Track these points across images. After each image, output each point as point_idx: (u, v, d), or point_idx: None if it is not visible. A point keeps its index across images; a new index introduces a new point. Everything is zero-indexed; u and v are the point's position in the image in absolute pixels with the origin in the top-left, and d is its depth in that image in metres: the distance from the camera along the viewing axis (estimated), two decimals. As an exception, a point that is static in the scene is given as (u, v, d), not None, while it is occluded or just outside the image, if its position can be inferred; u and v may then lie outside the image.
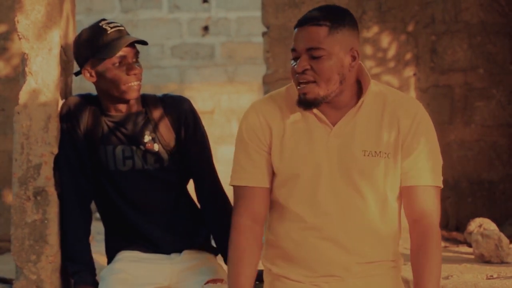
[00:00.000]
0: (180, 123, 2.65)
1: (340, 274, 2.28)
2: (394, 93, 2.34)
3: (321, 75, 2.20)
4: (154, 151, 2.63)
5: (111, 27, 2.58)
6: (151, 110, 2.65)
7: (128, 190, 2.64)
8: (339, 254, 2.27)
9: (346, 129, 2.27)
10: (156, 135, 2.63)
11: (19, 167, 2.60)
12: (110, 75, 2.56)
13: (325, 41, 2.20)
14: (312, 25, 2.21)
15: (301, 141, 2.29)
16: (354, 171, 2.25)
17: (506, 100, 4.86)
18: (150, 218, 2.66)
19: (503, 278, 3.05)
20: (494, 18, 4.86)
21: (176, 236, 2.67)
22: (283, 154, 2.30)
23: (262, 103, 2.37)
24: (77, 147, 2.63)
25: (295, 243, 2.30)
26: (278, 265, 2.35)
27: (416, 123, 2.27)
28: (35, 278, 2.58)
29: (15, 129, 2.61)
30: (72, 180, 2.64)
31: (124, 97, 2.57)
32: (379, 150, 2.25)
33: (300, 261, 2.30)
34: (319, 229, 2.27)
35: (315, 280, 2.30)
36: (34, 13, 2.61)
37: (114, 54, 2.54)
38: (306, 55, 2.21)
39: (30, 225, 2.59)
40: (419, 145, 2.26)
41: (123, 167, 2.62)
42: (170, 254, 2.67)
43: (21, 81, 2.64)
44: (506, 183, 4.86)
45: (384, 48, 4.87)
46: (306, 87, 2.21)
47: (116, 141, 2.63)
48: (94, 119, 2.63)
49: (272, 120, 2.31)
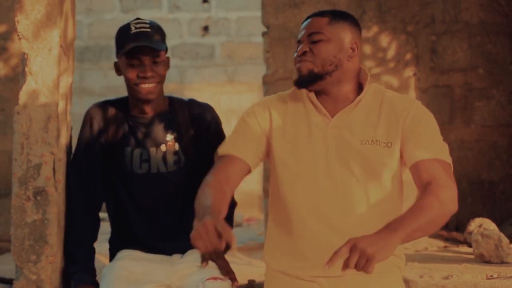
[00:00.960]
0: (203, 130, 2.69)
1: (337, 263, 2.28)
2: (391, 92, 2.43)
3: (318, 56, 2.32)
4: (175, 151, 2.66)
5: (137, 27, 2.61)
6: (176, 111, 2.70)
7: (139, 194, 2.67)
8: (335, 241, 2.27)
9: (344, 120, 2.34)
10: (178, 135, 2.67)
11: (19, 167, 2.60)
12: (125, 74, 2.64)
13: (326, 28, 2.34)
14: (315, 16, 2.38)
15: (301, 131, 2.36)
16: (352, 159, 2.30)
17: (506, 100, 4.86)
18: (155, 222, 2.69)
19: (503, 278, 3.06)
20: (494, 18, 4.86)
21: (179, 239, 2.69)
22: (284, 143, 2.37)
23: (268, 98, 2.52)
24: (91, 151, 2.68)
25: (292, 229, 2.34)
26: (277, 257, 2.38)
27: (414, 110, 2.34)
28: (35, 278, 2.58)
29: (15, 129, 2.61)
30: (81, 186, 2.68)
31: (137, 96, 2.63)
32: (376, 139, 2.31)
33: (296, 250, 2.32)
34: (316, 215, 2.30)
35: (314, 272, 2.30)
36: (34, 13, 2.61)
37: (122, 54, 2.60)
38: (307, 40, 2.35)
39: (30, 225, 2.59)
40: (419, 129, 2.30)
41: (139, 170, 2.66)
42: (172, 255, 2.69)
43: (21, 81, 2.64)
44: (506, 183, 4.86)
45: (384, 48, 4.87)
46: (301, 64, 2.34)
47: (135, 143, 2.68)
48: (117, 122, 2.69)
49: (273, 109, 2.42)
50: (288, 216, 2.35)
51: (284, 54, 4.76)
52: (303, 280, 2.33)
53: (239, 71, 8.87)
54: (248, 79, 8.82)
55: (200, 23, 8.85)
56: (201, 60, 8.81)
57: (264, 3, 4.91)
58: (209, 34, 8.88)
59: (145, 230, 2.69)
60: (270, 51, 4.85)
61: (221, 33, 8.87)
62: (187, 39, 8.81)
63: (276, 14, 4.87)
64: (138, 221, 2.68)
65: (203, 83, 8.74)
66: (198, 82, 8.77)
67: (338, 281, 2.30)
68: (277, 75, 4.77)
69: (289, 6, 4.85)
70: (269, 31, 4.88)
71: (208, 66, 8.84)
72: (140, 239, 2.69)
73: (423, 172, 2.22)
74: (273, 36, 4.86)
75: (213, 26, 8.87)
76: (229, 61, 8.88)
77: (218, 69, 8.86)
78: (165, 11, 8.84)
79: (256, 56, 8.70)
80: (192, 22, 8.84)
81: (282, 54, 4.78)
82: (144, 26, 2.63)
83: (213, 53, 8.87)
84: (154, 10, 8.82)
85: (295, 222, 2.33)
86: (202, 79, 8.71)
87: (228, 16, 8.86)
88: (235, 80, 8.86)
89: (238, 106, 8.65)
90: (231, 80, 8.86)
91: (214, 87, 8.82)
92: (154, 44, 2.59)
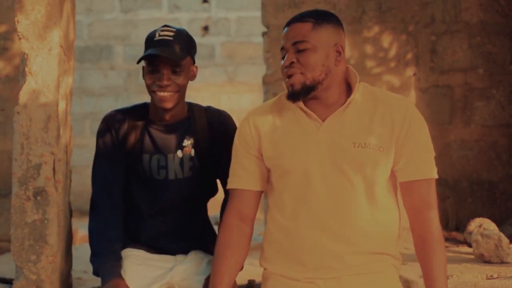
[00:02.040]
0: (220, 138, 2.68)
1: (333, 266, 2.29)
2: (384, 92, 2.42)
3: (307, 66, 2.29)
4: (191, 156, 2.66)
5: (160, 34, 2.58)
6: (195, 118, 2.69)
7: (155, 198, 2.67)
8: (331, 243, 2.29)
9: (336, 124, 2.33)
10: (195, 141, 2.66)
11: (19, 167, 2.60)
12: (144, 79, 2.61)
13: (310, 34, 2.30)
14: (297, 21, 2.34)
15: (292, 138, 2.35)
16: (345, 162, 2.30)
17: (506, 100, 4.86)
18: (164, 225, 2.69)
19: (503, 278, 3.05)
20: (494, 18, 4.86)
21: (185, 242, 2.70)
22: (275, 151, 2.36)
23: (253, 111, 2.47)
24: (112, 154, 2.65)
25: (288, 234, 2.34)
26: (274, 262, 2.39)
27: (409, 119, 2.32)
28: (35, 278, 2.58)
29: (15, 129, 2.61)
30: (108, 195, 2.64)
31: (156, 103, 2.60)
32: (369, 142, 2.30)
33: (293, 254, 2.33)
34: (311, 219, 2.31)
35: (310, 274, 2.31)
36: (34, 13, 2.61)
37: (138, 62, 2.57)
38: (292, 49, 2.32)
39: (30, 225, 2.59)
40: (414, 141, 2.32)
41: (157, 176, 2.65)
42: (176, 255, 2.70)
43: (21, 81, 2.64)
44: (506, 183, 4.86)
45: (384, 48, 4.87)
46: (292, 79, 2.31)
47: (153, 150, 2.66)
48: (136, 128, 2.67)
49: (261, 124, 2.40)
50: (285, 221, 2.35)
51: (284, 54, 4.76)
52: (300, 282, 2.33)
53: (239, 71, 8.88)
54: (248, 79, 8.82)
55: (200, 23, 8.85)
56: (201, 60, 8.81)
57: (264, 3, 4.91)
58: (209, 34, 8.88)
59: (153, 232, 2.69)
60: (270, 51, 4.85)
61: (221, 33, 8.88)
62: (187, 39, 8.81)
63: (276, 14, 4.87)
64: (147, 223, 2.69)
65: (203, 83, 8.74)
66: (198, 82, 8.77)
67: (335, 282, 2.31)
68: (277, 75, 4.77)
69: (289, 6, 4.85)
70: (269, 31, 4.89)
71: (208, 66, 8.84)
72: (146, 240, 2.70)
73: (414, 195, 2.34)
74: (273, 36, 4.86)
75: (213, 26, 8.87)
76: (229, 61, 8.89)
77: (218, 69, 8.87)
78: (165, 11, 8.84)
79: (256, 56, 8.70)
80: (192, 22, 8.84)
81: (282, 54, 4.78)
82: (167, 35, 2.57)
83: (213, 53, 8.88)
84: (154, 10, 8.83)
85: (291, 227, 2.34)
86: (202, 79, 8.71)
87: (228, 16, 8.86)
88: (235, 80, 8.87)
89: (238, 106, 8.65)
90: (231, 80, 8.87)
91: (214, 87, 8.82)
92: (170, 54, 2.53)
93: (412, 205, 2.34)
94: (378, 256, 2.33)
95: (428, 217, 2.32)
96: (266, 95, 4.87)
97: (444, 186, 4.81)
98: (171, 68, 2.56)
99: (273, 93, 4.73)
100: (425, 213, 2.32)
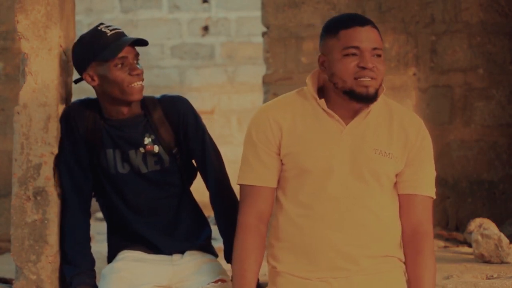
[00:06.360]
0: (179, 123, 2.65)
1: (346, 267, 2.31)
2: (396, 104, 2.46)
3: (380, 74, 2.32)
4: (155, 153, 2.64)
5: (110, 30, 2.59)
6: (150, 112, 2.65)
7: (128, 194, 2.65)
8: (346, 245, 2.32)
9: (358, 128, 2.36)
10: (156, 136, 2.63)
11: (19, 167, 2.60)
12: (112, 77, 2.56)
13: (381, 43, 2.35)
14: (373, 26, 2.34)
15: (314, 138, 2.36)
16: (364, 167, 2.34)
17: (506, 100, 4.86)
18: (151, 221, 2.67)
19: (503, 278, 3.05)
20: (494, 18, 4.86)
21: (178, 239, 2.68)
22: (296, 147, 2.36)
23: (269, 107, 2.44)
24: (77, 151, 2.63)
25: (302, 232, 2.35)
26: (283, 261, 2.39)
27: (421, 136, 2.39)
28: (35, 278, 2.58)
29: (15, 129, 2.61)
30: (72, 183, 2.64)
31: (128, 98, 2.58)
32: (389, 151, 2.35)
33: (306, 253, 2.34)
34: (327, 219, 2.33)
35: (322, 274, 2.32)
36: (34, 13, 2.61)
37: (116, 55, 2.54)
38: (370, 53, 2.31)
39: (30, 225, 2.60)
40: (422, 157, 2.38)
41: (122, 170, 2.63)
42: (172, 255, 2.68)
43: (21, 81, 2.64)
44: (506, 183, 4.86)
45: (385, 48, 4.87)
46: (374, 82, 2.31)
47: (115, 145, 2.63)
48: (95, 123, 2.64)
49: (282, 119, 2.38)
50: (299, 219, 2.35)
51: (284, 54, 4.76)
52: (311, 281, 2.35)
53: (239, 71, 8.87)
54: (248, 79, 8.81)
55: (200, 23, 8.85)
56: (201, 60, 8.81)
57: (264, 3, 4.91)
58: (209, 34, 8.88)
59: (142, 228, 2.67)
60: (270, 51, 4.84)
61: (221, 33, 8.87)
62: (187, 39, 8.80)
63: (276, 14, 4.86)
64: (133, 220, 2.66)
65: (203, 83, 8.74)
66: (198, 82, 8.77)
67: (345, 281, 2.34)
68: (277, 75, 4.77)
69: (289, 6, 4.85)
70: (269, 31, 4.88)
71: (208, 66, 8.84)
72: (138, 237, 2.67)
73: (413, 210, 2.38)
74: (273, 36, 4.86)
75: (213, 26, 8.86)
76: (229, 61, 8.88)
77: (218, 69, 8.86)
78: (165, 11, 8.83)
79: (256, 56, 8.69)
80: (192, 22, 8.84)
81: (282, 54, 4.77)
82: (115, 28, 2.61)
83: (213, 53, 8.87)
84: (154, 10, 8.82)
85: (306, 226, 2.35)
86: (202, 79, 8.70)
87: (228, 16, 8.85)
88: (235, 80, 8.86)
89: (238, 106, 8.64)
90: (231, 80, 8.86)
91: (214, 87, 8.82)
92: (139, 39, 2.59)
93: (409, 220, 2.38)
94: (388, 258, 2.38)
95: (423, 233, 2.37)
96: (266, 95, 4.87)
97: (444, 186, 4.80)
98: (136, 57, 2.59)
99: (273, 93, 4.73)
100: (421, 229, 2.37)
